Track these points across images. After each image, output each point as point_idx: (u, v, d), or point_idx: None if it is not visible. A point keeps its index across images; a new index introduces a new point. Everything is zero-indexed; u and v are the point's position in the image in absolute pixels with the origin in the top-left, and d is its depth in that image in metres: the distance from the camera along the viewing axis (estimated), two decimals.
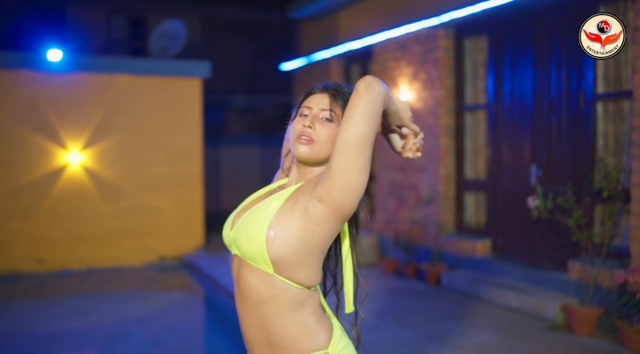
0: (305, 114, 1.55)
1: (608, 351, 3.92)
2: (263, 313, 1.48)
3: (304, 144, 1.51)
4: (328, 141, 1.52)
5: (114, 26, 11.99)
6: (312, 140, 1.51)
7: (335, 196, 1.41)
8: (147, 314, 5.45)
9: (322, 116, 1.53)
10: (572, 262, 4.71)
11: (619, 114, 4.68)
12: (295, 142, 1.53)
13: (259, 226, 1.44)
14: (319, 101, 1.55)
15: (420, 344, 4.09)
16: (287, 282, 1.46)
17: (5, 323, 5.18)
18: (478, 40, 6.05)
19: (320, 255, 1.49)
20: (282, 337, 1.47)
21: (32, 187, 6.98)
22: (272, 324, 1.48)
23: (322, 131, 1.52)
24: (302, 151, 1.52)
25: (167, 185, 7.58)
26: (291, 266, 1.45)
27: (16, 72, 6.92)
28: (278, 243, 1.42)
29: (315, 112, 1.54)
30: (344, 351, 1.52)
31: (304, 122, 1.53)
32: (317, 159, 1.54)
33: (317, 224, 1.44)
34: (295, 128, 1.54)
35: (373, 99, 1.40)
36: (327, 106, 1.54)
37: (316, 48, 8.48)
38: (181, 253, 7.59)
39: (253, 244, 1.44)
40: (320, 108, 1.54)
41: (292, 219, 1.44)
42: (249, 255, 1.47)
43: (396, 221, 6.81)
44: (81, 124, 7.19)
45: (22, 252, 6.94)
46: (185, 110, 7.69)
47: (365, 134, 1.40)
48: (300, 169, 1.58)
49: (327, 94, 1.56)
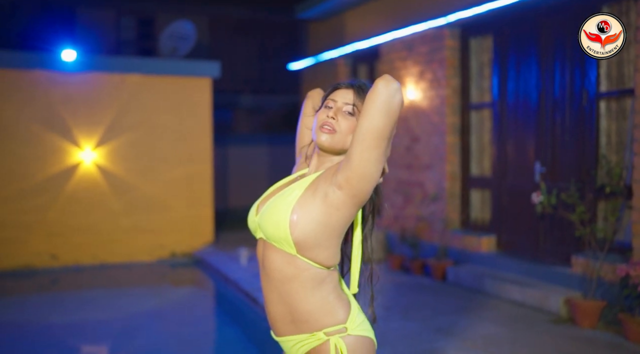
0: (330, 106, 1.68)
1: (610, 343, 4.03)
2: (287, 290, 1.61)
3: (326, 133, 1.64)
4: (348, 132, 1.64)
5: (123, 27, 12.14)
6: (334, 130, 1.64)
7: (353, 184, 1.54)
8: (159, 308, 5.60)
9: (345, 110, 1.66)
10: (576, 257, 4.82)
11: (622, 112, 4.78)
12: (318, 130, 1.66)
13: (283, 211, 1.58)
14: (344, 96, 1.68)
15: (427, 336, 4.21)
16: (309, 262, 1.60)
17: (22, 315, 5.34)
18: (483, 40, 6.16)
19: (338, 238, 1.63)
20: (304, 312, 1.61)
21: (46, 185, 7.13)
22: (295, 301, 1.61)
23: (343, 123, 1.65)
24: (324, 139, 1.64)
25: (178, 183, 7.73)
26: (312, 247, 1.58)
27: (31, 72, 7.08)
28: (301, 226, 1.56)
29: (340, 105, 1.67)
30: (360, 326, 1.65)
31: (328, 113, 1.66)
32: (336, 149, 1.66)
33: (337, 209, 1.57)
34: (320, 118, 1.67)
35: (392, 95, 1.52)
36: (350, 100, 1.66)
37: (323, 48, 8.60)
38: (191, 250, 7.73)
39: (278, 227, 1.57)
40: (344, 102, 1.67)
41: (313, 204, 1.57)
42: (274, 238, 1.60)
43: (403, 218, 6.93)
44: (94, 122, 7.34)
45: (36, 248, 7.10)
46: (195, 109, 7.83)
47: (382, 127, 1.52)
48: (320, 157, 1.71)
49: (352, 90, 1.68)
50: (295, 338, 1.64)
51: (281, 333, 1.66)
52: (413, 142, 6.80)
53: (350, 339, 1.61)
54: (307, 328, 1.61)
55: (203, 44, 11.87)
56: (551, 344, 4.01)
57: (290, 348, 1.66)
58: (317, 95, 1.94)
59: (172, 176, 7.70)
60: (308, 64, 9.08)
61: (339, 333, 1.60)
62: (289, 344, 1.66)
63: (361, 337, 1.63)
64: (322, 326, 1.60)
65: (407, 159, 6.89)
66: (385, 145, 1.55)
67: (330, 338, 1.59)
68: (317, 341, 1.61)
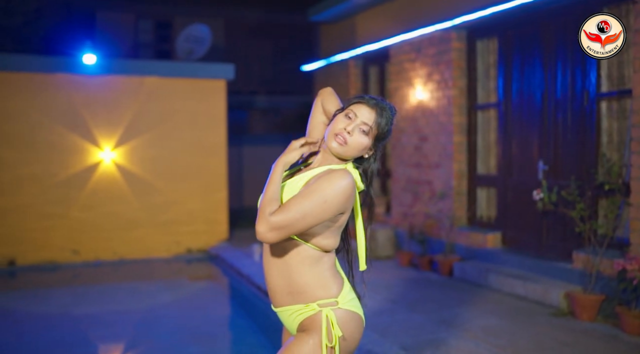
0: (350, 117, 1.86)
1: (607, 334, 4.18)
2: (287, 265, 1.85)
3: (339, 143, 1.84)
4: (357, 148, 1.86)
5: (140, 30, 12.45)
6: (345, 143, 1.84)
7: None
8: (175, 301, 5.85)
9: (362, 128, 1.86)
10: (577, 252, 4.96)
11: (622, 112, 4.92)
12: (331, 136, 1.86)
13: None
14: (366, 114, 1.86)
15: (430, 327, 4.40)
16: (310, 246, 1.84)
17: (47, 307, 5.62)
18: (489, 42, 6.32)
19: (338, 229, 1.87)
20: (301, 284, 1.84)
21: (68, 184, 7.44)
22: (294, 274, 1.84)
23: (357, 140, 1.85)
24: (334, 146, 1.85)
25: (194, 182, 7.99)
26: (314, 235, 1.82)
27: (54, 76, 7.39)
28: None
29: (359, 122, 1.86)
30: (350, 302, 1.87)
31: (347, 126, 1.85)
32: (342, 157, 1.89)
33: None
34: (338, 125, 1.86)
35: None
36: (370, 122, 1.86)
37: (335, 50, 8.81)
38: (207, 246, 7.99)
39: None
40: (363, 121, 1.86)
41: None
42: None
43: (411, 215, 7.11)
44: (113, 123, 7.63)
45: (59, 244, 7.41)
46: (210, 109, 8.09)
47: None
48: (325, 154, 1.93)
49: (374, 112, 1.87)
50: (291, 308, 1.86)
51: (279, 304, 1.89)
52: (422, 142, 6.97)
53: (341, 312, 1.83)
54: (302, 299, 1.84)
55: (219, 46, 12.14)
56: (549, 335, 4.17)
57: (287, 318, 1.89)
58: (327, 94, 2.10)
59: (188, 175, 7.97)
60: (320, 66, 9.29)
61: (330, 305, 1.83)
62: (286, 314, 1.89)
63: (350, 312, 1.85)
64: (316, 298, 1.83)
65: (415, 158, 7.07)
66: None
67: (323, 309, 1.82)
68: (311, 311, 1.83)
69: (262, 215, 1.70)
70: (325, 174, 1.80)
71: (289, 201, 1.72)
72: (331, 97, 2.08)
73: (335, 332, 1.78)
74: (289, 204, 1.70)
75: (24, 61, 7.36)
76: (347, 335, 1.82)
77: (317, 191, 1.71)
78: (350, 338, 1.83)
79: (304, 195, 1.72)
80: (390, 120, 1.89)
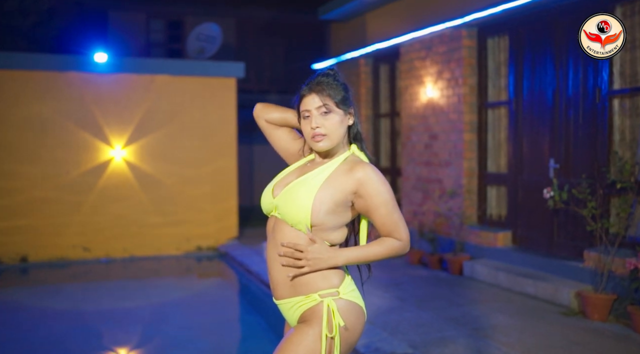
0: (306, 115, 1.90)
1: (618, 334, 4.13)
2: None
3: (320, 141, 1.86)
4: (336, 127, 1.87)
5: (152, 29, 12.52)
6: (324, 135, 1.86)
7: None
8: (185, 297, 5.88)
9: (321, 112, 1.87)
10: (588, 251, 4.92)
11: (635, 109, 4.87)
12: (311, 142, 1.89)
13: (305, 198, 1.81)
14: (312, 102, 1.89)
15: (439, 325, 4.38)
16: None
17: (58, 302, 5.67)
18: (500, 40, 6.28)
19: (348, 225, 1.91)
20: (304, 276, 1.84)
21: (79, 181, 7.50)
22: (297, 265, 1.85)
23: (328, 123, 1.87)
24: (321, 145, 1.87)
25: (204, 180, 8.02)
26: (325, 230, 1.84)
27: (66, 74, 7.45)
28: (320, 214, 1.81)
29: (314, 112, 1.88)
30: (351, 293, 1.87)
31: (311, 124, 1.87)
32: (334, 145, 1.89)
33: (350, 209, 1.90)
34: (306, 131, 1.90)
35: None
36: (319, 102, 1.88)
37: (345, 48, 8.80)
38: (216, 244, 8.02)
39: (299, 211, 1.81)
40: (315, 108, 1.88)
41: (332, 199, 1.83)
42: (293, 220, 1.83)
43: (421, 214, 7.09)
44: (124, 121, 7.68)
45: (70, 241, 7.47)
46: (221, 107, 8.11)
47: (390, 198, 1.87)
48: (320, 153, 1.96)
49: (315, 93, 1.89)
50: (292, 300, 1.86)
51: (281, 296, 1.89)
52: (432, 140, 6.94)
53: (342, 303, 1.83)
54: (304, 290, 1.83)
55: (230, 46, 12.17)
56: (559, 335, 4.14)
57: (288, 310, 1.89)
58: (261, 112, 2.12)
59: (198, 173, 8.00)
60: (331, 64, 9.28)
61: (331, 295, 1.83)
62: (287, 306, 1.88)
63: (352, 302, 1.85)
64: (317, 288, 1.83)
65: (426, 156, 7.04)
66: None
67: (324, 299, 1.81)
68: (312, 302, 1.83)
69: (402, 247, 1.88)
70: (363, 177, 1.83)
71: (389, 219, 1.84)
72: (267, 109, 2.08)
73: (337, 321, 1.78)
74: (392, 221, 1.85)
75: (36, 60, 7.43)
76: (349, 325, 1.81)
77: (384, 194, 1.83)
78: (352, 328, 1.82)
79: (385, 206, 1.83)
80: (333, 80, 1.91)
